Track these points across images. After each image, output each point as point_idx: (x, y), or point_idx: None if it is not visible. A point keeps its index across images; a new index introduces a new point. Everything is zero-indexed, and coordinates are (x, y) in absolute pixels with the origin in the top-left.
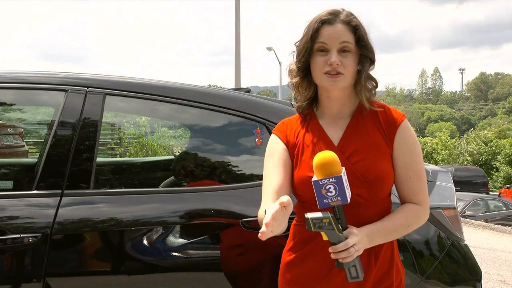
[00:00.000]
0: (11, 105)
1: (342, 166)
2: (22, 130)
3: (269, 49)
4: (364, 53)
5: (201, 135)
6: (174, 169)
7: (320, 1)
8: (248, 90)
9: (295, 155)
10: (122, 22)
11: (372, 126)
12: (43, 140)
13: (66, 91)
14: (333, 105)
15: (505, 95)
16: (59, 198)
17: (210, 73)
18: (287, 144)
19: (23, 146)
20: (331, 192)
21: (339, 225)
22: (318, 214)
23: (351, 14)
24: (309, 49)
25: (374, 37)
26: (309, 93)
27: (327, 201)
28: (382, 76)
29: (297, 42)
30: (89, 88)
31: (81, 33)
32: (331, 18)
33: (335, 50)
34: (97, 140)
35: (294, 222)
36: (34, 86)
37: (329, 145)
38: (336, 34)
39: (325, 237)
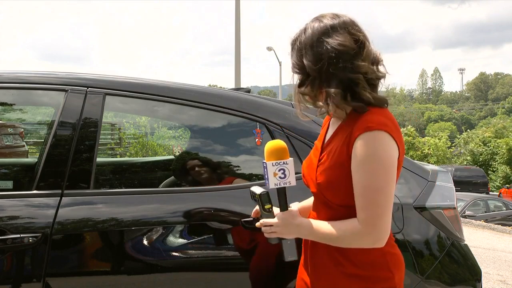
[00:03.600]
0: (11, 105)
1: (312, 164)
2: (22, 130)
3: (269, 49)
4: (292, 68)
5: (200, 135)
6: (175, 169)
7: (320, 1)
8: (248, 90)
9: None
10: (122, 22)
11: (344, 133)
12: (43, 140)
13: (66, 91)
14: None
15: (505, 95)
16: (59, 198)
17: (210, 73)
18: None
19: (23, 146)
20: (265, 175)
21: (267, 204)
22: (256, 189)
23: (304, 28)
24: None
25: (375, 36)
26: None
27: (277, 183)
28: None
29: None
30: (89, 88)
31: (81, 33)
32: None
33: None
34: (97, 140)
35: None
36: (34, 86)
37: (319, 145)
38: None
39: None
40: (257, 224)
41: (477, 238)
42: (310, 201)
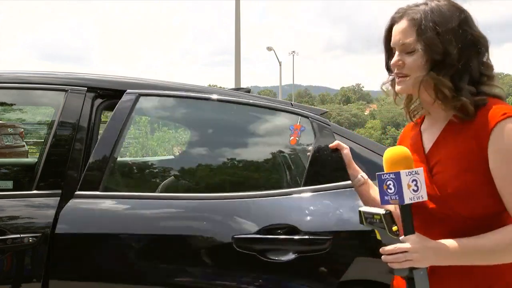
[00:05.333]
0: (11, 105)
1: (427, 177)
2: (22, 130)
3: (269, 49)
4: (428, 51)
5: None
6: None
7: (320, 1)
8: (248, 90)
9: None
10: (122, 22)
11: (465, 132)
12: (43, 140)
13: (66, 91)
14: (427, 109)
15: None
16: (59, 198)
17: (210, 73)
18: None
19: (23, 146)
20: (390, 189)
21: (394, 226)
22: (372, 209)
23: (418, 5)
24: (386, 51)
25: (377, 36)
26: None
27: (387, 198)
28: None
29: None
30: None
31: (81, 33)
32: (400, 15)
33: (398, 50)
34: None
35: None
36: (34, 86)
37: (419, 153)
38: (397, 34)
39: (378, 236)
40: (386, 249)
41: None
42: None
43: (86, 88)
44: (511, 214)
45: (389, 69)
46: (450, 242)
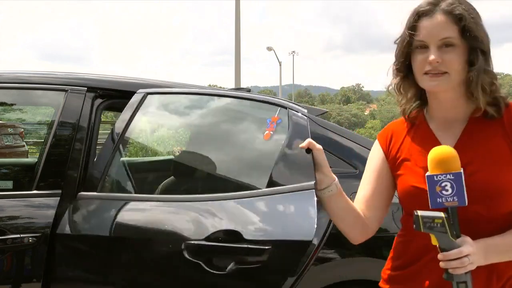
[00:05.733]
0: (11, 105)
1: None
2: (22, 130)
3: (269, 49)
4: (472, 45)
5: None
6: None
7: (320, 1)
8: (248, 90)
9: (398, 164)
10: (122, 22)
11: (494, 131)
12: (43, 140)
13: (66, 91)
14: (444, 108)
15: (505, 95)
16: (59, 198)
17: (210, 73)
18: (387, 153)
19: (23, 146)
20: (446, 190)
21: (453, 230)
22: (430, 213)
23: (455, 1)
24: (407, 46)
25: (377, 36)
26: (410, 94)
27: (440, 200)
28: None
29: (397, 40)
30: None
31: (81, 33)
32: (429, 9)
33: (435, 46)
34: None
35: (396, 237)
36: (34, 86)
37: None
38: (434, 28)
39: (434, 241)
40: (451, 254)
41: None
42: (347, 200)
43: (86, 88)
44: None
45: (399, 69)
46: (494, 241)
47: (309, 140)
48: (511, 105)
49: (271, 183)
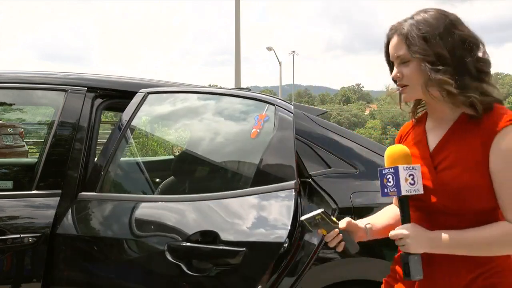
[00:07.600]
0: (11, 105)
1: (429, 173)
2: (22, 130)
3: (269, 49)
4: (418, 57)
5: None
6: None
7: (320, 1)
8: (248, 90)
9: None
10: (122, 22)
11: (472, 132)
12: (43, 140)
13: (66, 91)
14: (433, 109)
15: (505, 95)
16: (59, 198)
17: (210, 73)
18: None
19: (23, 146)
20: (389, 182)
21: (332, 218)
22: (310, 214)
23: (406, 20)
24: (390, 65)
25: (377, 36)
26: (412, 101)
27: (386, 190)
28: (383, 76)
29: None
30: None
31: (81, 33)
32: (391, 33)
33: (396, 63)
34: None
35: None
36: (34, 86)
37: (423, 151)
38: (392, 49)
39: (324, 232)
40: (397, 233)
41: None
42: (378, 219)
43: (86, 88)
44: (503, 214)
45: (395, 80)
46: (444, 233)
47: (348, 219)
48: (496, 109)
49: (256, 183)
